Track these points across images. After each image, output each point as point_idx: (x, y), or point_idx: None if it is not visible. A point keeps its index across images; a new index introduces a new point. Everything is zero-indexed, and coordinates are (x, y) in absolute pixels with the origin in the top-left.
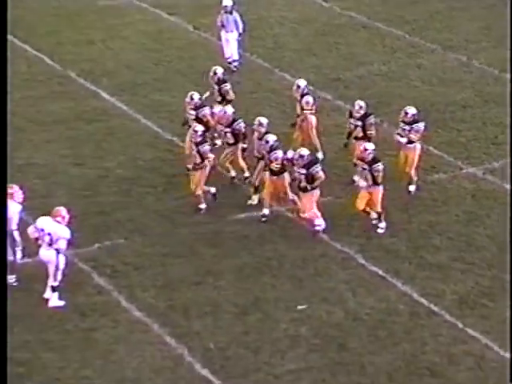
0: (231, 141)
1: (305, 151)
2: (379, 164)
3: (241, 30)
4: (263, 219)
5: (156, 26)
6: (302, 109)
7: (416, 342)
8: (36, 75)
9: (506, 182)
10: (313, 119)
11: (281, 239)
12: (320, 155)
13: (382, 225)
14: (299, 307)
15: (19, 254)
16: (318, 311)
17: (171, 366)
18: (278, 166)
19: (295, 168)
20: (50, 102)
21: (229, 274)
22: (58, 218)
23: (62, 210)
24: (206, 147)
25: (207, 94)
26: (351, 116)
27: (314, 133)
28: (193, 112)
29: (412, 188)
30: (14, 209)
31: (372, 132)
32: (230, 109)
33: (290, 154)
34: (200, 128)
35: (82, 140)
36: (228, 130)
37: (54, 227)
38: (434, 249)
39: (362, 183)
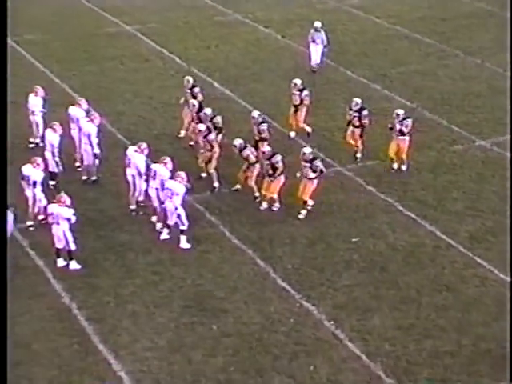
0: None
1: (266, 148)
2: (317, 161)
3: (325, 43)
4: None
5: (255, 35)
6: (302, 100)
7: (437, 267)
8: (169, 70)
9: (507, 152)
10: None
11: (340, 190)
12: (309, 129)
13: (304, 212)
14: (353, 240)
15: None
16: (367, 243)
17: (260, 279)
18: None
19: (263, 160)
20: (178, 90)
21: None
22: (179, 179)
23: (182, 173)
24: (212, 136)
25: (182, 99)
26: (350, 109)
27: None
28: (195, 114)
29: (404, 167)
30: (165, 174)
31: (366, 121)
32: (208, 110)
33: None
34: (203, 127)
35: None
36: (210, 123)
37: (174, 185)
38: (453, 199)
39: (299, 175)
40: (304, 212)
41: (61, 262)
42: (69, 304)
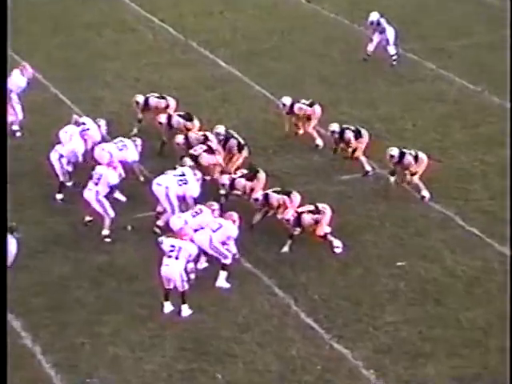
0: None
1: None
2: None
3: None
4: None
5: None
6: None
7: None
8: (160, 44)
9: None
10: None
11: (382, 200)
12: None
13: (338, 242)
14: (399, 263)
15: None
16: (417, 268)
17: (279, 314)
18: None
19: None
20: (173, 69)
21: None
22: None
23: (234, 215)
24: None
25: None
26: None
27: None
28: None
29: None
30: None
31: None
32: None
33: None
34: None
35: (201, 105)
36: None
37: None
38: None
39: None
40: (338, 243)
41: (168, 307)
42: (31, 347)
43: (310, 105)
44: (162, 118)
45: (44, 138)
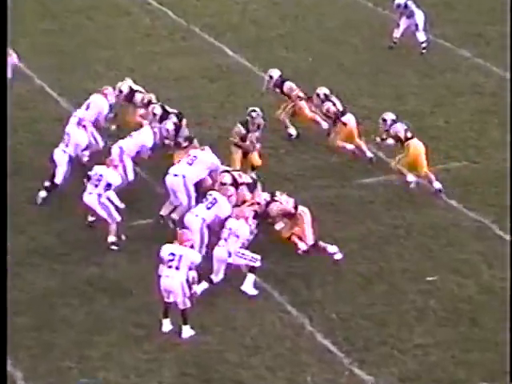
0: None
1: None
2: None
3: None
4: None
5: None
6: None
7: None
8: (159, 29)
9: None
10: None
11: (409, 206)
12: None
13: (334, 249)
14: (428, 278)
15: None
16: (449, 283)
17: (291, 334)
18: None
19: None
20: (172, 58)
21: (352, 242)
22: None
23: (246, 211)
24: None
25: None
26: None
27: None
28: None
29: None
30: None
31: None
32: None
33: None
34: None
35: (204, 98)
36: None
37: (238, 225)
38: None
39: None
40: (334, 248)
41: (167, 326)
42: (11, 371)
43: None
44: (157, 110)
45: (28, 134)
